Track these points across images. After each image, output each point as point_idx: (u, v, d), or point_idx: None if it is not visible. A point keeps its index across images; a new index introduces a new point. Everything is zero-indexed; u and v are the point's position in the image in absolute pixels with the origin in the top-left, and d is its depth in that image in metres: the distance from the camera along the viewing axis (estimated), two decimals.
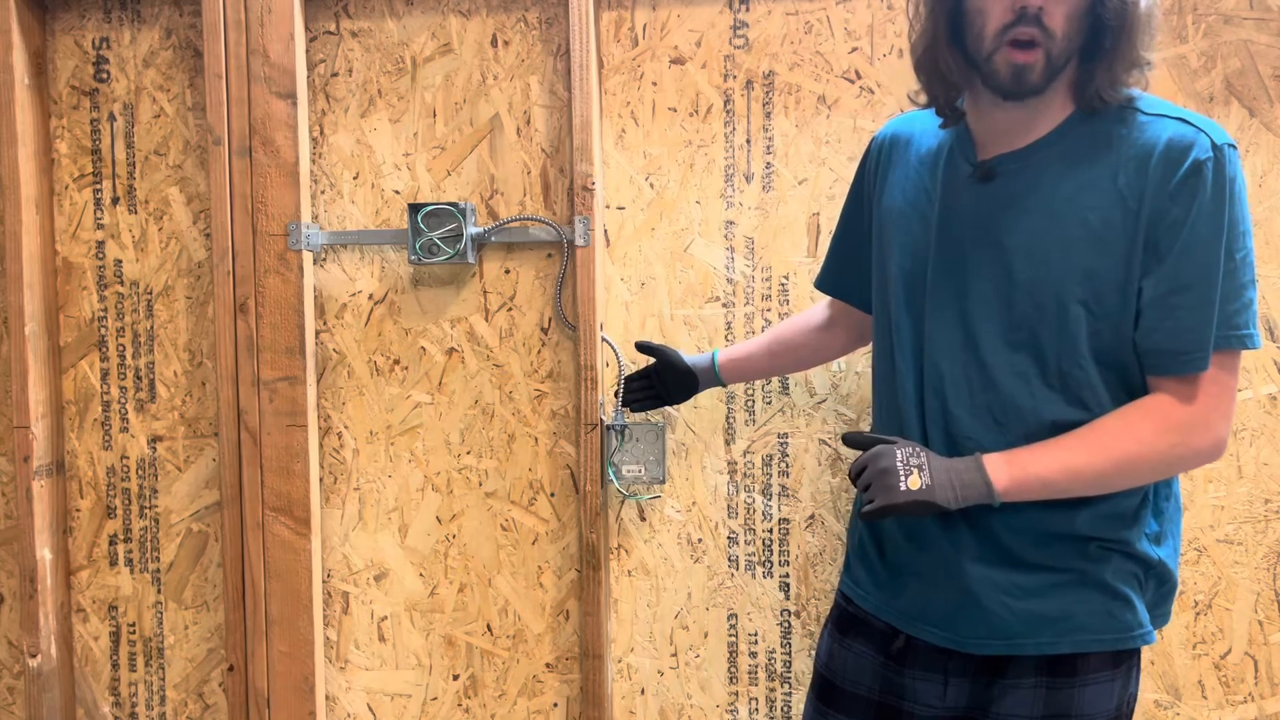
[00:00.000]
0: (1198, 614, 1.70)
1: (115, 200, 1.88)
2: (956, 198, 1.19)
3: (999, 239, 1.15)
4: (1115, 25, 1.06)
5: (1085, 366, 1.11)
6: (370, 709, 1.88)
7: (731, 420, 1.78)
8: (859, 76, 1.72)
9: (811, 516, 1.77)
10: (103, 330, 1.90)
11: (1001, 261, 1.14)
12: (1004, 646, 1.16)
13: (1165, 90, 1.67)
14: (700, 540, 1.80)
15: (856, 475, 1.18)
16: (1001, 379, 1.15)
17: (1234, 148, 1.08)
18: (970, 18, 1.10)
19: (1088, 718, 1.16)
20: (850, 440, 1.22)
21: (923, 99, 1.23)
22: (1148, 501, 1.17)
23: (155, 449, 1.90)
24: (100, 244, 1.89)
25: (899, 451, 1.13)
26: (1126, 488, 1.13)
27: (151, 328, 1.89)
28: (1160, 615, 1.21)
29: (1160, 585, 1.20)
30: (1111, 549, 1.15)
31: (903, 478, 1.11)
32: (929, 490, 1.10)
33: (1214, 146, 1.07)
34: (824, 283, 1.52)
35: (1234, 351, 1.10)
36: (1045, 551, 1.15)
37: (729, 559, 1.79)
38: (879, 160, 1.34)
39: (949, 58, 1.15)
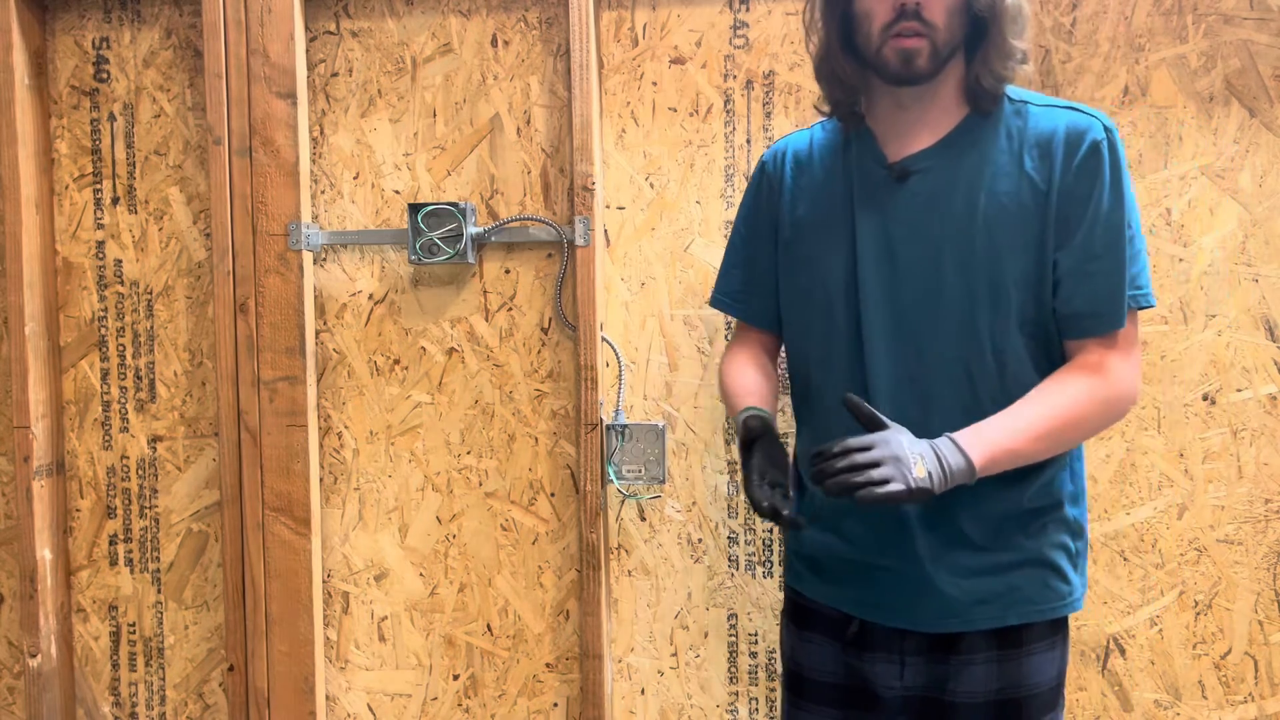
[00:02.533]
0: (1198, 614, 1.70)
1: (115, 200, 1.88)
2: (875, 201, 1.25)
3: (926, 233, 1.21)
4: (987, 17, 1.17)
5: (1015, 340, 1.20)
6: (370, 709, 1.88)
7: (731, 420, 1.78)
8: None
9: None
10: (103, 330, 1.90)
11: (932, 255, 1.21)
12: (958, 624, 1.22)
13: (1165, 90, 1.67)
14: (700, 540, 1.80)
15: (861, 450, 1.12)
16: (942, 366, 1.21)
17: (1115, 130, 1.20)
18: (859, 22, 1.21)
19: (1035, 687, 1.23)
20: (854, 406, 1.16)
21: (826, 107, 1.32)
22: (1067, 464, 1.25)
23: (155, 449, 1.90)
24: (100, 244, 1.89)
25: (904, 438, 1.14)
26: (1072, 447, 1.22)
27: (151, 328, 1.89)
28: (1083, 577, 1.28)
29: (1081, 542, 1.27)
30: (1047, 520, 1.23)
31: (912, 465, 1.11)
32: (929, 479, 1.11)
33: (1105, 129, 1.18)
34: (763, 317, 1.42)
35: (1136, 310, 1.21)
36: (994, 532, 1.21)
37: (729, 559, 1.79)
38: (778, 178, 1.37)
39: (843, 62, 1.25)
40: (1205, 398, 1.69)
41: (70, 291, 1.90)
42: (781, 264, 1.36)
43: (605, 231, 1.79)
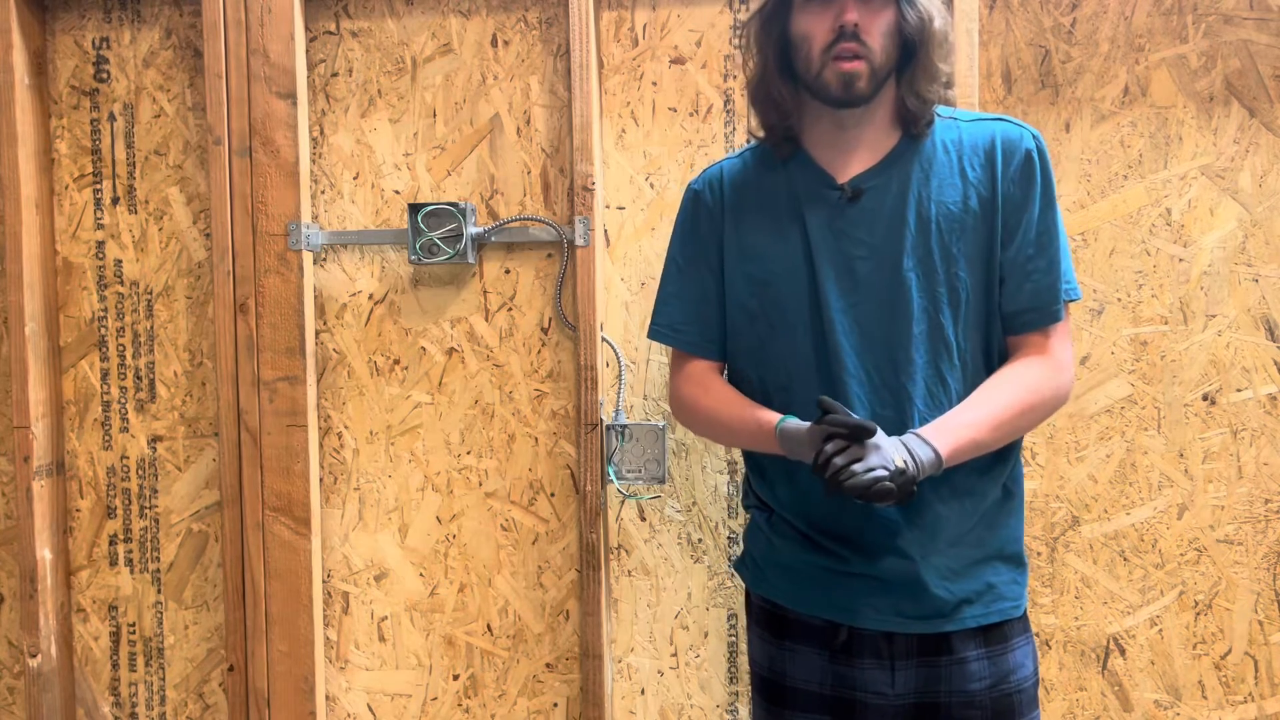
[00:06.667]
0: (1198, 614, 1.70)
1: (115, 200, 1.88)
2: (829, 221, 1.27)
3: (884, 248, 1.25)
4: (916, 40, 1.23)
5: (972, 337, 1.26)
6: (370, 709, 1.88)
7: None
8: None
9: None
10: (103, 330, 1.90)
11: (892, 268, 1.25)
12: (946, 623, 1.24)
13: (1165, 90, 1.67)
14: (700, 540, 1.80)
15: (838, 453, 1.13)
16: (916, 371, 1.24)
17: (1041, 138, 1.28)
18: (797, 45, 1.25)
19: (1022, 681, 1.27)
20: (829, 407, 1.16)
21: (761, 132, 1.34)
22: (1018, 454, 1.32)
23: (155, 449, 1.90)
24: (100, 244, 1.89)
25: (879, 432, 1.16)
26: (1024, 434, 1.28)
27: (151, 328, 1.89)
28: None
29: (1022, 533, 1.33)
30: (1006, 512, 1.29)
31: (891, 456, 1.14)
32: (908, 467, 1.13)
33: (1034, 138, 1.27)
34: (707, 346, 1.39)
35: (1067, 304, 1.29)
36: (974, 526, 1.26)
37: (729, 559, 1.79)
38: (717, 204, 1.37)
39: (779, 86, 1.28)
40: (1205, 398, 1.69)
41: (70, 291, 1.90)
42: (729, 290, 1.35)
43: (605, 231, 1.79)
